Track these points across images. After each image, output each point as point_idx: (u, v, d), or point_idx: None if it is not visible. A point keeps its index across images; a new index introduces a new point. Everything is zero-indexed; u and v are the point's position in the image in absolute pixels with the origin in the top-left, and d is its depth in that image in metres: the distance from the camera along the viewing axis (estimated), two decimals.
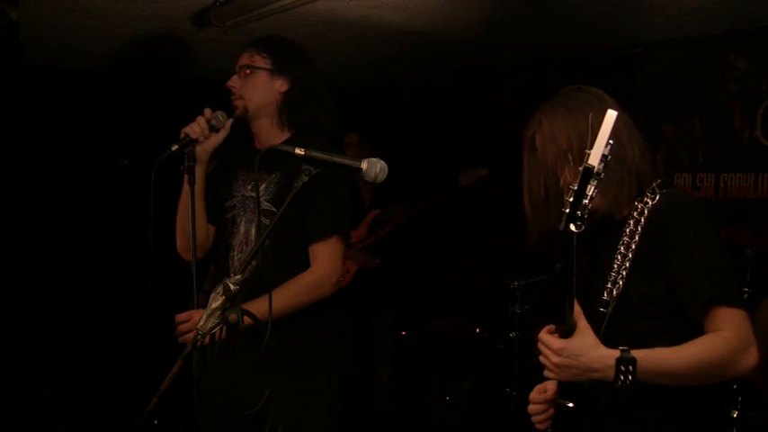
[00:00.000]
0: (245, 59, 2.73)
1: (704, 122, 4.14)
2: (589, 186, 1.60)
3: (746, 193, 3.95)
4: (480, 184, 4.74)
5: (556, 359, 1.76)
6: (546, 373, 1.83)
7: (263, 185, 2.67)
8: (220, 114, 2.67)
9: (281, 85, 2.71)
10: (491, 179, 4.76)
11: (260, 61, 2.71)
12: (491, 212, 4.99)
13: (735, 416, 3.26)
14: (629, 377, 1.74)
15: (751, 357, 1.81)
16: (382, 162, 2.21)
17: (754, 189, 3.93)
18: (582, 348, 1.75)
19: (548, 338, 1.78)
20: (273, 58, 2.71)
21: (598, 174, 1.60)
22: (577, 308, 1.76)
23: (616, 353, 1.75)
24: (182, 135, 2.61)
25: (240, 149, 2.78)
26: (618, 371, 1.74)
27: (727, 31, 3.95)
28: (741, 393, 3.27)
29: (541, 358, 1.81)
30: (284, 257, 2.63)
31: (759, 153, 3.90)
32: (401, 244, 4.97)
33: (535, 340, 4.36)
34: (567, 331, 1.76)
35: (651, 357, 1.77)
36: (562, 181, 1.97)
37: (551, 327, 1.80)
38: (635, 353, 1.75)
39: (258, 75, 2.70)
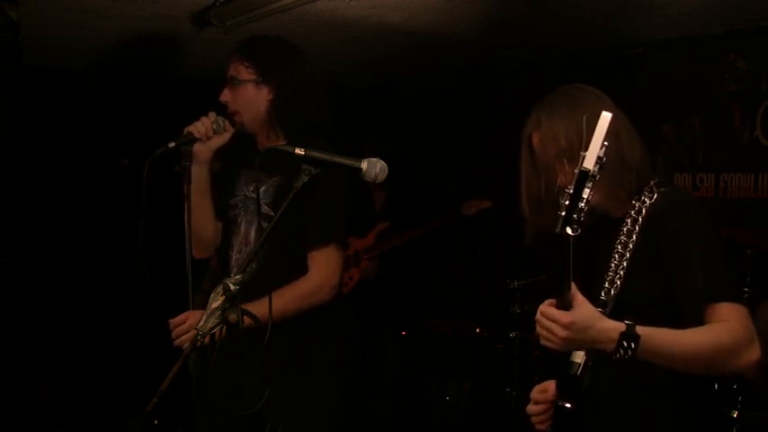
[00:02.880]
0: (231, 71, 2.71)
1: (704, 122, 4.14)
2: (585, 189, 1.60)
3: (746, 193, 3.95)
4: (482, 214, 4.73)
5: (564, 333, 1.71)
6: (546, 343, 1.77)
7: (263, 188, 2.67)
8: (221, 120, 2.67)
9: (267, 93, 2.69)
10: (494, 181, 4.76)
11: (244, 72, 2.68)
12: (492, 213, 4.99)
13: (735, 416, 3.26)
14: (629, 352, 1.71)
15: (754, 352, 1.80)
16: (382, 162, 2.21)
17: (754, 189, 3.93)
18: (589, 321, 1.72)
19: (554, 312, 1.72)
20: (257, 67, 2.68)
21: (593, 176, 1.59)
22: (573, 286, 1.72)
23: (621, 326, 1.73)
24: (184, 133, 2.61)
25: (244, 147, 2.77)
26: (619, 345, 1.71)
27: (727, 31, 3.95)
28: (741, 393, 3.27)
29: (543, 331, 1.75)
30: (283, 260, 2.63)
31: (759, 153, 3.90)
32: (406, 256, 4.99)
33: (535, 340, 4.36)
34: (563, 306, 1.72)
35: (655, 338, 1.74)
36: (560, 181, 1.96)
37: (552, 300, 1.75)
38: (640, 330, 1.72)
39: (245, 87, 2.68)
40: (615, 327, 1.73)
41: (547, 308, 1.75)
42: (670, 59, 4.26)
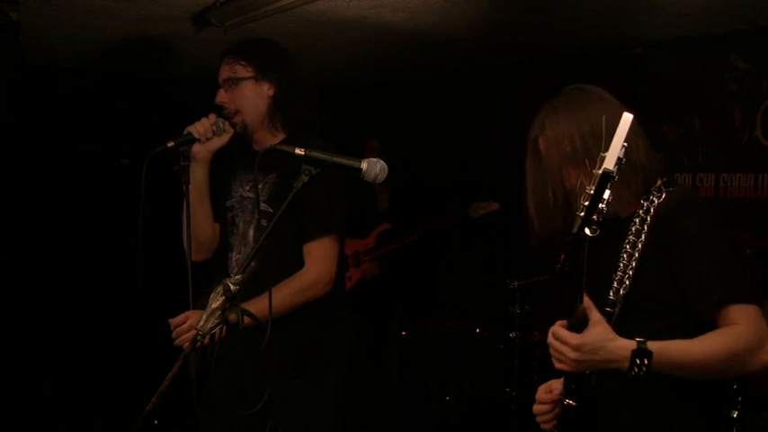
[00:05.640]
0: (226, 72, 2.70)
1: (704, 122, 4.14)
2: (605, 190, 1.59)
3: (746, 193, 3.95)
4: (489, 217, 4.73)
5: (574, 355, 1.73)
6: (559, 366, 1.80)
7: (259, 186, 2.67)
8: (221, 121, 2.67)
9: (267, 89, 2.69)
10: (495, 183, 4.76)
11: (241, 71, 2.68)
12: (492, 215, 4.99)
13: (735, 416, 3.26)
14: (644, 369, 1.74)
15: (767, 353, 1.81)
16: (382, 162, 2.22)
17: (754, 189, 3.92)
18: (600, 342, 1.74)
19: (565, 334, 1.75)
20: (254, 64, 2.68)
21: (613, 177, 1.59)
22: (588, 301, 1.74)
23: (632, 344, 1.75)
24: (185, 132, 2.61)
25: (238, 149, 2.78)
26: (632, 363, 1.74)
27: (727, 31, 3.95)
28: (741, 393, 3.27)
29: (554, 353, 1.78)
30: (282, 257, 2.63)
31: (759, 153, 3.90)
32: (406, 256, 4.99)
33: (535, 340, 4.36)
34: (576, 324, 1.74)
35: (666, 351, 1.77)
36: (572, 183, 1.96)
37: (563, 321, 1.77)
38: (651, 345, 1.75)
39: (244, 85, 2.68)
40: (627, 345, 1.75)
41: (558, 329, 1.77)
42: (670, 59, 4.25)
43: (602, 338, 1.74)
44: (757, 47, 3.90)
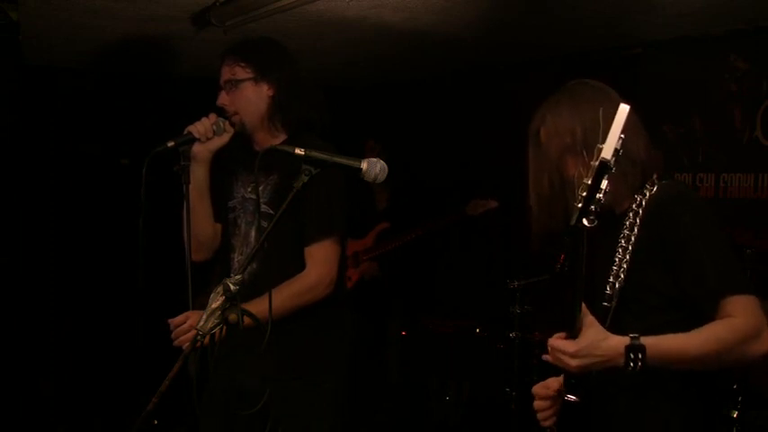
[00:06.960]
0: (226, 74, 2.70)
1: (704, 122, 4.14)
2: (603, 181, 1.60)
3: (746, 193, 3.95)
4: (487, 215, 4.73)
5: (575, 362, 1.78)
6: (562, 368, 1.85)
7: (261, 187, 2.67)
8: (221, 121, 2.67)
9: (267, 89, 2.69)
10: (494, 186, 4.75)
11: (241, 72, 2.68)
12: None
13: (735, 416, 3.26)
14: (639, 363, 1.77)
15: (763, 343, 1.82)
16: (382, 162, 2.22)
17: (754, 189, 3.92)
18: (595, 343, 1.77)
19: (561, 344, 1.80)
20: (253, 65, 2.68)
21: (611, 168, 1.59)
22: (582, 306, 1.77)
23: (626, 340, 1.78)
24: (185, 132, 2.61)
25: (239, 150, 2.78)
26: (627, 358, 1.77)
27: (727, 31, 3.95)
28: (741, 393, 3.27)
29: (556, 362, 1.83)
30: (282, 258, 2.63)
31: (759, 153, 3.90)
32: (406, 256, 5.00)
33: (535, 340, 4.35)
34: (575, 331, 1.77)
35: (660, 345, 1.79)
36: (571, 174, 1.96)
37: (561, 334, 1.81)
38: (644, 340, 1.78)
39: (244, 86, 2.68)
40: (620, 341, 1.78)
41: (555, 341, 1.82)
42: (670, 59, 4.26)
43: (595, 339, 1.78)
44: (757, 47, 3.90)
